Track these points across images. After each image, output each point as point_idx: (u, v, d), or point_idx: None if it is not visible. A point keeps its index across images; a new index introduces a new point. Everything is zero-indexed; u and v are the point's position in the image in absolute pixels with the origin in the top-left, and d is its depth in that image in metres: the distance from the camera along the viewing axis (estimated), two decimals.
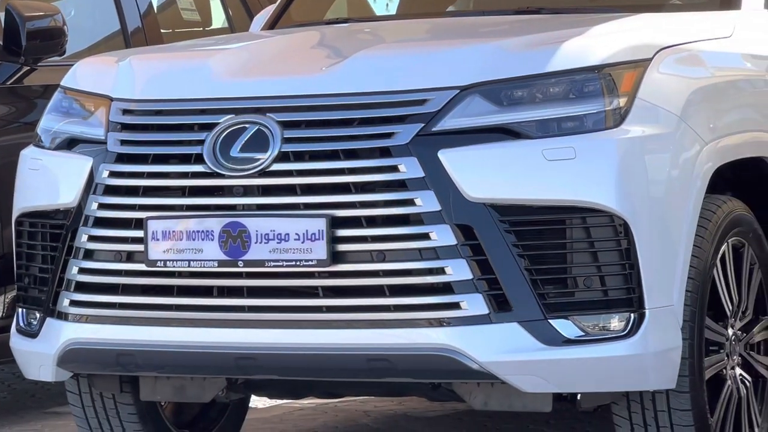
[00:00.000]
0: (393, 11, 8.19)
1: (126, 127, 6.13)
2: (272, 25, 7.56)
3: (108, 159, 6.07)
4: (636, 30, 6.26)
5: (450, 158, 5.65)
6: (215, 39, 8.14)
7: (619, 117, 5.76)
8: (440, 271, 5.65)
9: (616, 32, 6.15)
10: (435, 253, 5.62)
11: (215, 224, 5.80)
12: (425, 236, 5.63)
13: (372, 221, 5.71)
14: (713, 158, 6.04)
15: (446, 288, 5.65)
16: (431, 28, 7.22)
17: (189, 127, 6.05)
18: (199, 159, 5.90)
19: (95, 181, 6.04)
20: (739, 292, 6.19)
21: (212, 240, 5.79)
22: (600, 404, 6.05)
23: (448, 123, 5.75)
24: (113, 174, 6.03)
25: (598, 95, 5.78)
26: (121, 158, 6.07)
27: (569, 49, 5.89)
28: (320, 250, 5.67)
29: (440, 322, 5.64)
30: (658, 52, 5.99)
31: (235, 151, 5.85)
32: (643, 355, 5.64)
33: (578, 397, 5.90)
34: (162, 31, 8.60)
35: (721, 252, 6.03)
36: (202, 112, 6.05)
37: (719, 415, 6.08)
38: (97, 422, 6.63)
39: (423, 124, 5.72)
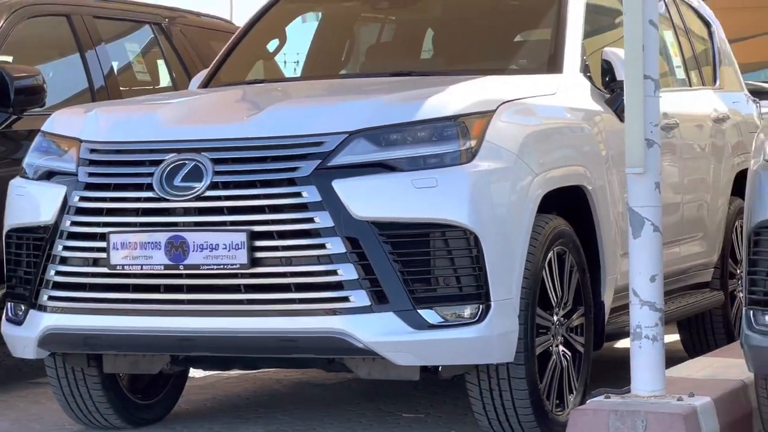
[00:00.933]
0: (299, 74, 8.22)
1: (93, 162, 6.21)
2: (206, 84, 7.57)
3: (78, 187, 6.16)
4: (483, 88, 6.34)
5: (341, 186, 5.76)
6: (162, 95, 8.16)
7: (471, 155, 5.89)
8: (333, 272, 5.75)
9: (468, 90, 6.26)
10: (329, 259, 5.73)
11: (162, 237, 5.89)
12: (322, 246, 5.74)
13: (282, 234, 5.79)
14: (542, 186, 6.16)
15: (338, 285, 5.74)
16: (327, 87, 7.23)
17: (142, 163, 6.12)
18: (149, 187, 5.99)
19: (68, 204, 6.13)
20: (562, 288, 6.30)
21: (159, 249, 5.88)
22: (456, 374, 6.14)
23: (340, 159, 5.85)
24: (82, 198, 6.13)
25: (454, 138, 5.92)
26: (89, 186, 6.15)
27: (432, 102, 6.00)
28: (242, 257, 5.77)
29: (334, 312, 5.76)
30: (500, 105, 6.11)
31: (177, 181, 5.94)
32: (489, 336, 5.79)
33: (440, 369, 6.05)
34: (121, 88, 8.65)
35: (548, 258, 6.17)
36: (152, 151, 6.12)
37: (547, 381, 6.19)
38: (69, 390, 6.61)
39: (321, 160, 5.83)
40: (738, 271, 7.79)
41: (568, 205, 6.50)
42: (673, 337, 8.43)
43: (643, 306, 5.93)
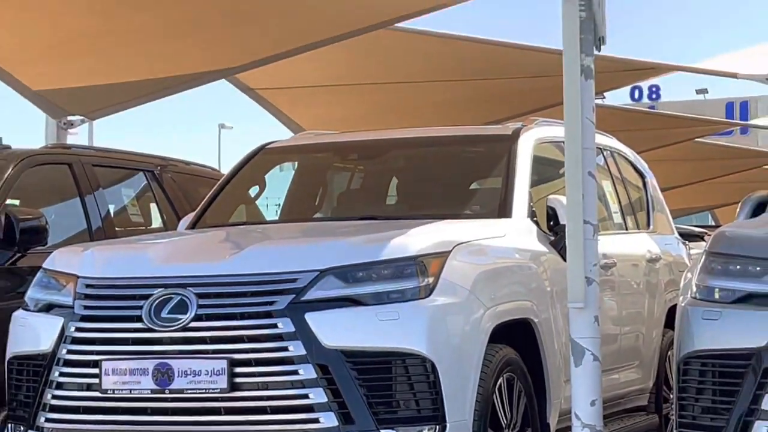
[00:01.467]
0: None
1: (88, 296, 6.17)
2: (193, 225, 7.56)
3: (74, 318, 6.11)
4: (440, 231, 6.33)
5: (313, 318, 5.74)
6: (153, 235, 8.20)
7: (429, 290, 5.88)
8: (305, 396, 5.70)
9: (426, 233, 6.24)
10: (302, 384, 5.68)
11: (149, 364, 5.83)
12: (295, 372, 5.70)
13: (259, 362, 5.74)
14: (493, 319, 6.13)
15: (309, 408, 5.68)
16: (302, 229, 7.25)
17: (132, 297, 6.06)
18: (139, 319, 5.94)
19: (65, 334, 6.07)
20: (511, 411, 6.22)
21: (147, 375, 5.82)
22: None
23: (312, 294, 5.82)
24: (78, 329, 6.08)
25: (414, 276, 5.91)
26: (84, 318, 6.10)
27: (395, 244, 6.01)
28: (223, 382, 5.72)
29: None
30: (455, 246, 6.12)
31: (164, 313, 5.90)
32: None
33: None
34: (116, 229, 8.63)
35: (498, 383, 6.10)
36: (142, 286, 6.08)
37: None
38: None
39: (295, 295, 5.81)
40: (670, 396, 7.79)
41: (517, 336, 6.45)
42: None
43: (585, 428, 5.94)
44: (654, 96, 38.54)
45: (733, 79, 13.55)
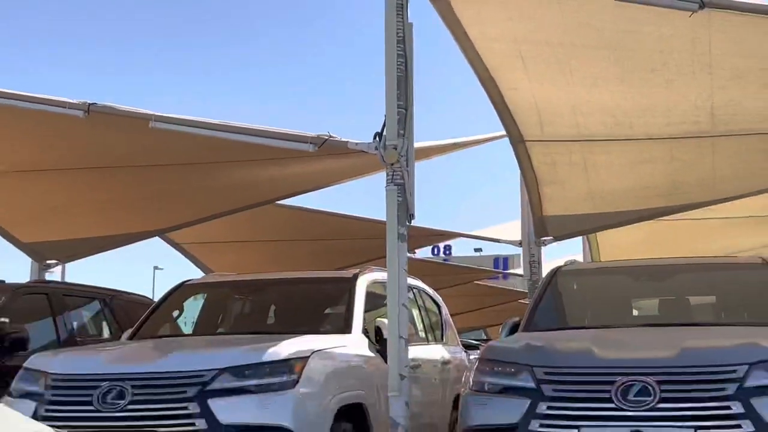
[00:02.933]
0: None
1: (54, 387, 5.95)
2: (131, 337, 7.29)
3: (44, 402, 5.88)
4: (303, 342, 6.14)
5: (213, 403, 5.57)
6: (103, 345, 7.90)
7: (294, 383, 5.76)
8: None
9: (293, 343, 6.05)
10: None
11: None
12: None
13: None
14: (337, 403, 6.04)
15: None
16: (208, 340, 6.90)
17: (86, 388, 5.81)
18: (90, 403, 5.69)
19: (38, 414, 5.74)
20: None
21: None
22: None
23: (214, 386, 5.64)
24: (47, 410, 5.80)
25: (285, 373, 5.78)
26: (51, 402, 5.89)
27: (272, 350, 5.86)
28: None
29: None
30: (313, 352, 6.02)
31: (108, 399, 5.67)
32: None
33: None
34: (77, 339, 8.44)
35: None
36: (93, 380, 5.84)
37: None
38: None
39: (201, 386, 5.61)
40: None
41: (354, 414, 6.34)
42: None
43: None
44: (447, 252, 38.97)
45: (497, 243, 13.82)
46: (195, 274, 10.81)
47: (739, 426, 4.82)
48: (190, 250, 12.91)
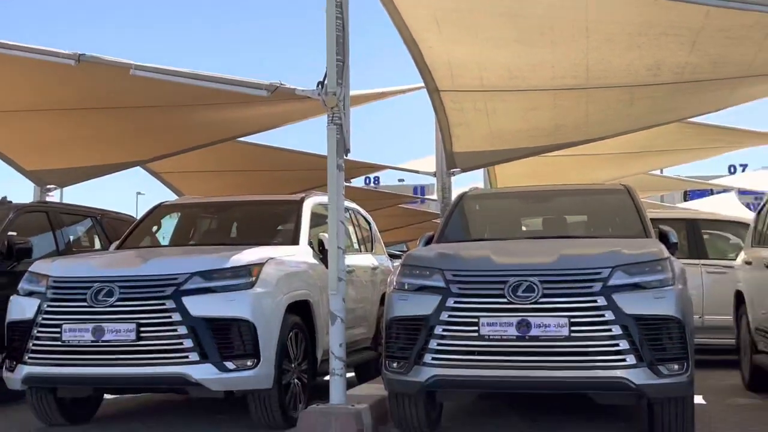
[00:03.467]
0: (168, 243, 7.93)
1: (54, 288, 5.83)
2: (118, 247, 7.14)
3: (46, 299, 5.77)
4: (260, 251, 6.10)
5: (186, 300, 5.49)
6: (94, 253, 7.76)
7: (253, 284, 5.72)
8: (181, 344, 5.45)
9: (252, 252, 6.02)
10: (179, 337, 5.47)
11: (90, 326, 5.53)
12: (175, 330, 5.45)
13: (156, 323, 5.50)
14: (288, 300, 6.04)
15: (182, 350, 5.42)
16: (181, 251, 6.79)
17: (82, 288, 5.72)
18: (84, 300, 5.60)
19: (41, 309, 5.70)
20: (297, 350, 6.13)
21: (88, 332, 5.52)
22: (244, 394, 5.81)
23: (187, 286, 5.55)
24: (48, 306, 5.75)
25: (245, 276, 5.74)
26: (51, 299, 5.78)
27: (234, 258, 5.82)
28: (132, 335, 5.48)
29: (182, 363, 5.44)
30: (268, 259, 6.00)
31: (100, 297, 5.57)
32: (259, 375, 5.60)
33: (235, 392, 5.72)
34: (73, 249, 8.24)
35: (290, 335, 6.00)
36: (87, 282, 5.74)
37: (289, 397, 5.99)
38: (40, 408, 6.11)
39: (176, 287, 5.53)
40: (382, 341, 7.82)
41: (301, 310, 6.35)
42: (352, 374, 8.32)
43: (335, 359, 5.89)
44: (376, 181, 38.91)
45: (417, 173, 13.81)
46: (171, 198, 10.63)
47: (602, 315, 4.92)
48: (167, 178, 12.69)
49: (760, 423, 5.97)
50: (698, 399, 6.72)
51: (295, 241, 6.88)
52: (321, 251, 6.81)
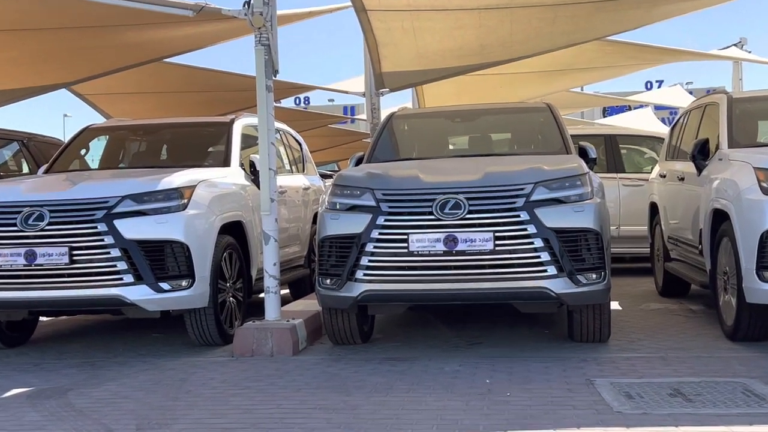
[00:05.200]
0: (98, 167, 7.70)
1: None
2: (46, 171, 6.91)
3: None
4: (191, 174, 6.05)
5: (118, 223, 5.43)
6: (22, 177, 7.41)
7: (185, 207, 5.67)
8: (114, 266, 5.41)
9: (183, 174, 5.97)
10: (111, 257, 5.42)
11: (22, 250, 5.39)
12: (108, 252, 5.41)
13: (86, 247, 5.41)
14: (221, 221, 6.00)
15: (117, 272, 5.37)
16: (111, 173, 6.61)
17: (10, 213, 5.56)
18: (14, 224, 5.48)
19: None
20: (231, 269, 6.12)
21: (21, 256, 5.41)
22: (181, 314, 5.84)
23: (118, 209, 5.47)
24: None
25: (177, 198, 5.68)
26: None
27: (165, 180, 5.75)
28: (65, 258, 5.39)
29: (115, 285, 5.36)
30: (199, 182, 5.94)
31: (30, 221, 5.45)
32: (194, 295, 5.61)
33: (171, 312, 5.73)
34: (0, 174, 7.94)
35: (224, 255, 5.99)
36: (15, 206, 5.58)
37: (225, 315, 5.98)
38: None
39: (107, 210, 5.47)
40: (314, 259, 7.88)
41: (234, 230, 6.33)
42: (286, 291, 8.39)
43: (270, 277, 5.93)
44: (306, 102, 38.40)
45: (346, 94, 13.66)
46: (99, 120, 10.30)
47: (525, 229, 5.03)
48: (93, 100, 12.24)
49: (670, 326, 6.27)
50: (614, 305, 7.00)
51: (226, 162, 6.79)
52: (252, 172, 6.75)
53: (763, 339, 5.41)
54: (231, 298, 6.19)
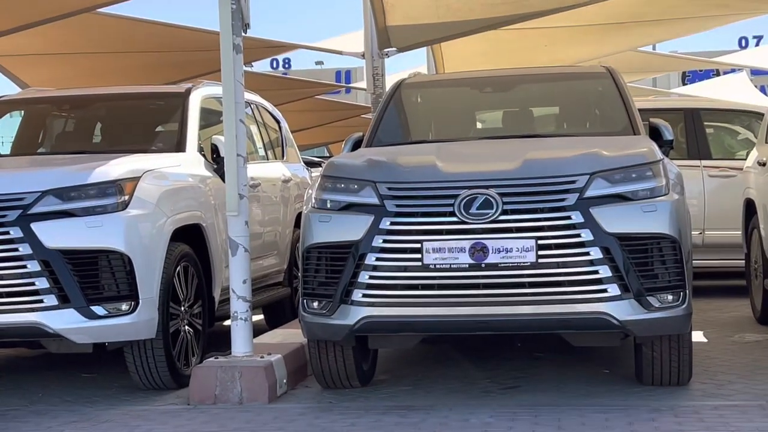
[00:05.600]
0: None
1: None
2: None
3: None
4: (133, 162, 6.11)
5: (37, 227, 5.50)
6: None
7: (125, 205, 5.71)
8: (32, 284, 5.49)
9: (123, 163, 6.01)
10: (29, 275, 5.49)
11: None
12: (24, 264, 5.48)
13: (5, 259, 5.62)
14: (173, 224, 6.03)
15: (35, 293, 5.46)
16: (29, 160, 6.81)
17: None
18: None
19: None
20: (187, 289, 6.18)
21: None
22: (120, 347, 5.86)
23: (37, 209, 5.55)
24: None
25: (114, 195, 5.71)
26: None
27: (99, 171, 5.80)
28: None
29: (32, 310, 5.47)
30: (144, 172, 5.97)
31: None
32: (138, 322, 5.65)
33: (106, 344, 5.75)
34: None
35: (177, 270, 6.03)
36: None
37: (177, 349, 6.05)
38: None
39: (23, 210, 5.53)
40: (298, 275, 7.90)
41: (191, 236, 6.36)
42: (260, 317, 8.42)
43: (238, 299, 5.96)
44: (286, 65, 38.54)
45: (339, 55, 13.71)
46: (9, 89, 10.36)
47: (578, 235, 5.01)
48: (3, 64, 12.30)
49: None
50: (697, 336, 7.01)
51: (180, 147, 6.83)
52: (215, 160, 6.78)
53: None
54: (187, 327, 6.22)
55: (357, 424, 5.05)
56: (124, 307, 5.63)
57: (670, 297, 5.10)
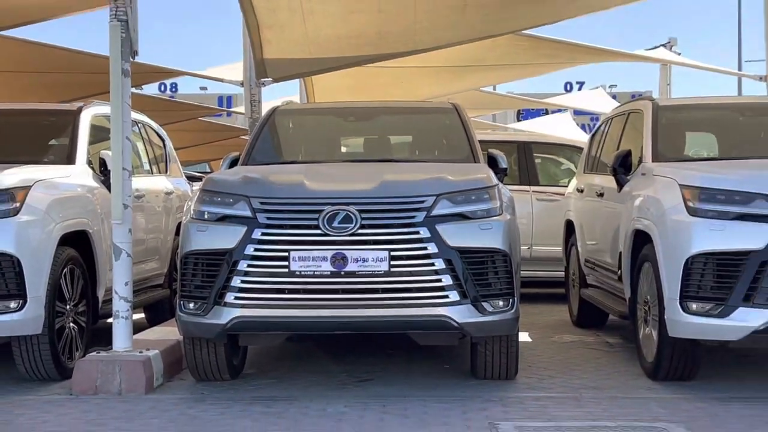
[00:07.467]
0: None
1: None
2: None
3: None
4: (25, 172, 5.83)
5: None
6: None
7: (17, 211, 5.47)
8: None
9: (14, 173, 5.72)
10: None
11: None
12: None
13: None
14: (61, 230, 5.81)
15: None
16: None
17: None
18: None
19: None
20: (73, 289, 5.93)
21: None
22: (8, 341, 5.61)
23: None
24: None
25: (6, 201, 5.46)
26: None
27: None
28: None
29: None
30: (35, 182, 5.75)
31: None
32: (25, 319, 5.40)
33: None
34: None
35: (64, 272, 5.81)
36: None
37: (62, 344, 5.78)
38: None
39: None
40: (176, 278, 7.70)
41: (78, 242, 6.14)
42: (141, 315, 8.18)
43: (120, 299, 5.81)
44: (174, 89, 37.77)
45: (221, 82, 13.49)
46: None
47: (425, 248, 5.07)
48: None
49: (585, 361, 6.46)
50: (523, 336, 7.16)
51: (70, 159, 6.61)
52: (103, 172, 6.59)
53: (686, 378, 5.57)
54: (71, 324, 6.02)
55: (226, 414, 4.97)
56: (13, 305, 5.43)
57: (501, 303, 5.20)
